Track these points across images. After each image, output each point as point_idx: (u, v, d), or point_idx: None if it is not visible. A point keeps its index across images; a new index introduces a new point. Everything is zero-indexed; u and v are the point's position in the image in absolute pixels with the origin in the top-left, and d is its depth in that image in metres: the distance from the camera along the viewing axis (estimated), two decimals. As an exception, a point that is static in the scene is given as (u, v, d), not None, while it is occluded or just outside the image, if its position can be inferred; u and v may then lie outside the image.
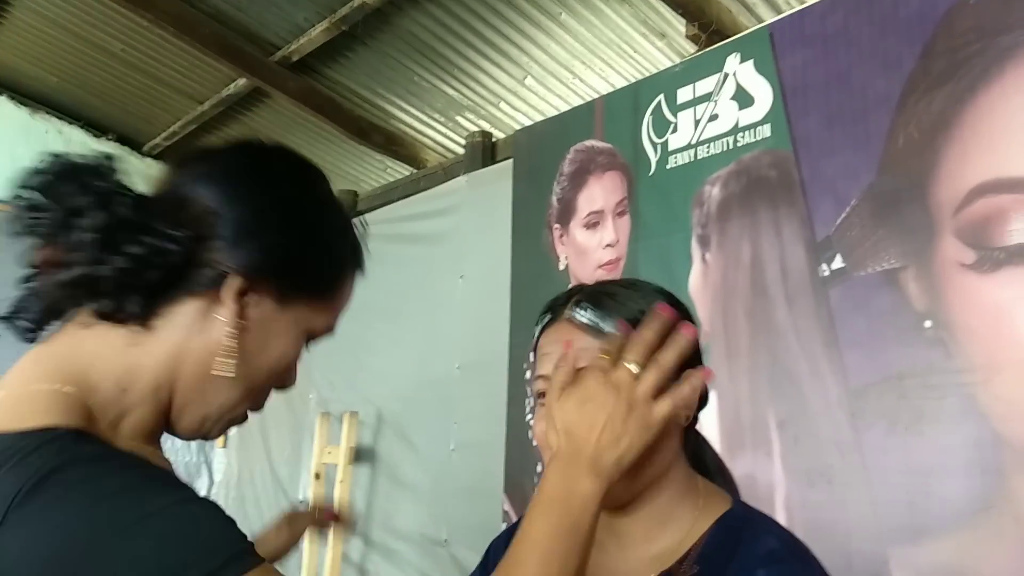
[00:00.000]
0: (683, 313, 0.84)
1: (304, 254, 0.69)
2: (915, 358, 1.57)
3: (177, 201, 0.64)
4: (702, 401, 0.83)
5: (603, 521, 0.83)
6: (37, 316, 0.63)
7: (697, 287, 1.98)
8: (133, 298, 0.62)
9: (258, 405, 0.71)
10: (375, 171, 3.89)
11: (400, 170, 3.74)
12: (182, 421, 0.67)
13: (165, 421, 0.67)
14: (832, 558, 0.76)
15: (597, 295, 0.80)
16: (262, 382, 0.69)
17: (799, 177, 1.82)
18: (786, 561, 0.72)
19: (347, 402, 3.23)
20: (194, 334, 0.64)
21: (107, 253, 0.60)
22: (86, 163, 0.62)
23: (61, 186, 0.61)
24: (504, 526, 2.41)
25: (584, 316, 0.79)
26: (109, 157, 0.64)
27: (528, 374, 2.43)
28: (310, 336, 0.71)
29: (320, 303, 0.71)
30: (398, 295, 3.23)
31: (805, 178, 1.80)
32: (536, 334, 0.85)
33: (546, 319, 0.84)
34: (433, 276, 3.05)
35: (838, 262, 1.72)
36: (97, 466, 0.55)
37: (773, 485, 1.75)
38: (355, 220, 0.77)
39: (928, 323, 1.57)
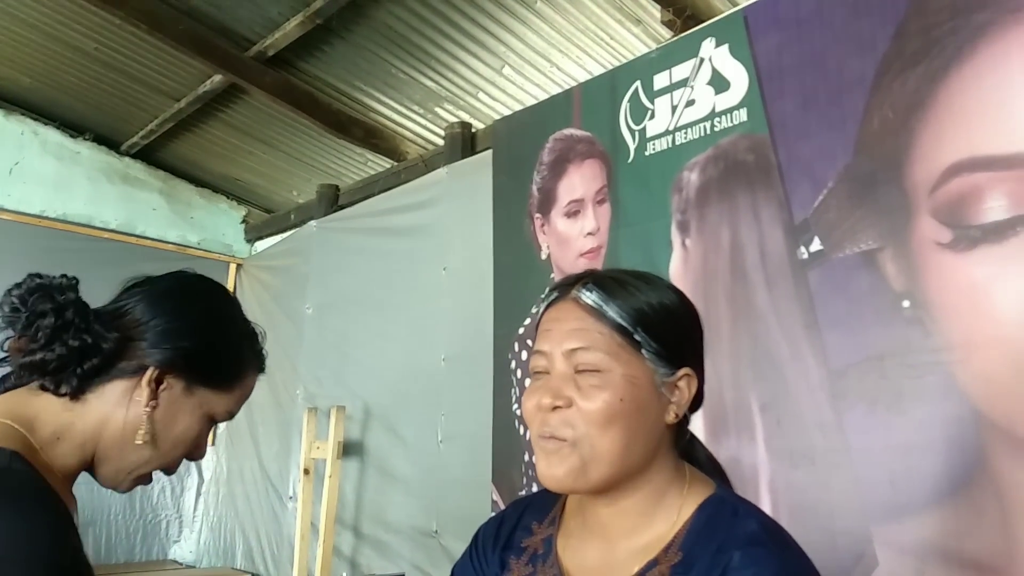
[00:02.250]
0: (692, 311, 0.84)
1: (208, 354, 0.91)
2: (894, 338, 1.58)
3: (117, 311, 0.90)
4: (696, 401, 0.83)
5: (589, 515, 0.83)
6: (7, 382, 0.89)
7: (678, 273, 1.99)
8: (70, 379, 0.85)
9: (169, 469, 0.92)
10: (355, 165, 3.86)
11: (380, 163, 3.73)
12: (101, 470, 0.89)
13: (87, 467, 0.89)
14: (816, 537, 0.77)
15: (606, 280, 0.81)
16: (169, 450, 0.90)
17: (776, 160, 1.82)
18: (765, 544, 0.72)
19: (334, 397, 3.22)
20: (119, 408, 0.87)
21: (54, 344, 0.84)
22: (54, 282, 0.87)
23: (32, 296, 0.85)
24: (492, 515, 2.42)
25: (589, 298, 0.79)
26: (72, 279, 0.88)
27: (513, 363, 2.43)
28: (213, 418, 0.93)
29: (221, 392, 0.93)
30: (382, 288, 3.22)
31: (782, 161, 1.81)
32: (540, 311, 0.85)
33: (552, 297, 0.84)
34: (416, 269, 3.05)
35: (816, 244, 1.72)
36: (10, 483, 0.76)
37: (757, 467, 1.76)
38: (259, 331, 0.99)
39: (906, 303, 1.57)
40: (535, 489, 2.35)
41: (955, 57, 1.55)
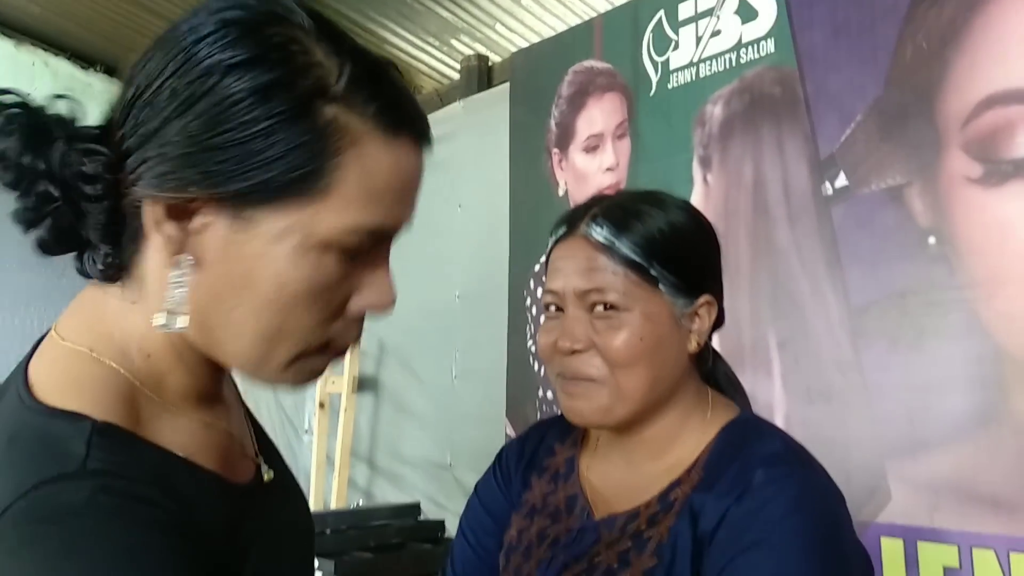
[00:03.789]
0: (708, 229, 0.83)
1: (220, 150, 0.49)
2: (918, 275, 1.56)
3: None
4: (718, 322, 0.82)
5: (613, 440, 0.83)
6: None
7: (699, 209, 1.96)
8: (100, 249, 0.53)
9: (314, 342, 0.54)
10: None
11: (395, 98, 3.67)
12: (233, 361, 0.55)
13: (210, 375, 0.58)
14: (830, 471, 0.76)
15: (616, 211, 0.78)
16: (278, 321, 0.52)
17: (803, 93, 1.77)
18: (788, 463, 0.72)
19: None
20: (158, 284, 0.52)
21: (22, 181, 0.51)
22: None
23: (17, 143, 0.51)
24: (507, 450, 2.46)
25: (600, 234, 0.76)
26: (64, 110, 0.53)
27: (528, 300, 2.43)
28: (330, 245, 0.51)
29: (305, 200, 0.50)
30: (396, 225, 3.21)
31: (809, 94, 1.76)
32: (550, 244, 0.82)
33: (561, 231, 0.81)
34: (430, 205, 2.98)
35: (842, 180, 1.69)
36: (70, 507, 0.45)
37: (773, 404, 1.77)
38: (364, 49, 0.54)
39: (932, 239, 1.55)
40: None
41: (994, -14, 1.50)
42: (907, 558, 1.53)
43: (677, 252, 0.77)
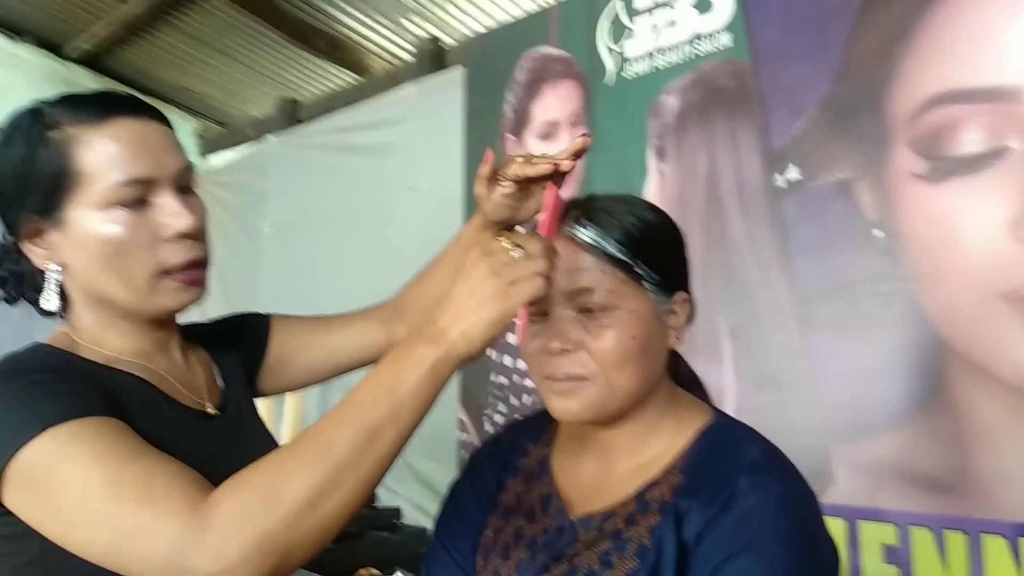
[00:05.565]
0: (678, 228, 0.84)
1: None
2: (865, 266, 1.62)
3: None
4: (688, 320, 0.84)
5: (587, 435, 0.84)
6: None
7: (654, 199, 1.98)
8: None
9: (181, 264, 0.82)
10: (317, 78, 3.73)
11: (344, 78, 3.61)
12: (125, 307, 0.82)
13: (141, 334, 0.85)
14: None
15: (598, 213, 0.79)
16: (120, 265, 0.79)
17: (757, 87, 1.81)
18: (768, 470, 0.74)
19: (297, 317, 3.18)
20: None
21: None
22: None
23: None
24: (459, 435, 2.46)
25: (586, 235, 0.78)
26: None
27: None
28: (109, 203, 0.78)
29: (75, 187, 0.78)
30: (346, 208, 3.17)
31: (763, 88, 1.80)
32: None
33: None
34: (382, 189, 2.99)
35: (793, 173, 1.74)
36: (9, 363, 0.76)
37: (723, 389, 1.82)
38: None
39: (878, 232, 1.61)
40: (502, 409, 2.38)
41: (939, -13, 1.55)
42: (849, 537, 1.60)
43: (657, 250, 0.79)
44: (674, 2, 1.99)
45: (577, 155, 0.82)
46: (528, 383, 2.25)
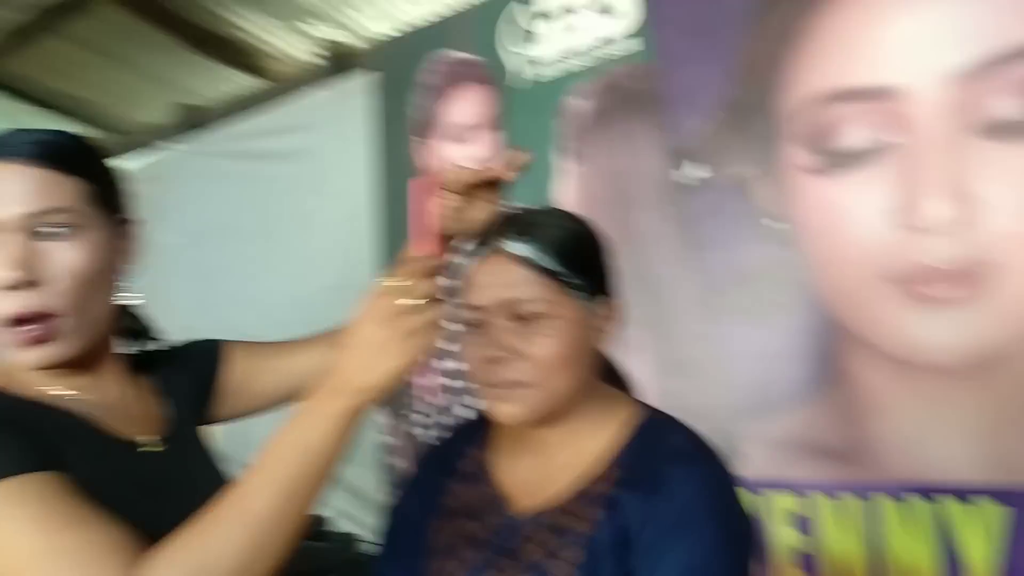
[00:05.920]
0: (592, 233, 0.89)
1: None
2: (765, 256, 1.74)
3: None
4: (616, 321, 0.89)
5: (524, 434, 0.89)
6: None
7: (565, 200, 2.06)
8: None
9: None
10: (215, 84, 3.63)
11: (243, 82, 3.53)
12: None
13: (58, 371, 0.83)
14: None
15: (529, 226, 0.83)
16: None
17: (661, 89, 1.90)
18: (695, 457, 0.82)
19: (208, 330, 3.10)
20: None
21: None
22: None
23: None
24: (380, 437, 2.47)
25: (520, 249, 0.82)
26: None
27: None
28: None
29: None
30: (255, 216, 3.11)
31: (666, 89, 1.89)
32: (464, 265, 0.86)
33: (482, 251, 0.85)
34: (291, 195, 2.96)
35: (698, 170, 1.84)
36: None
37: (640, 378, 1.90)
38: None
39: (776, 224, 1.73)
40: (416, 407, 2.40)
41: (821, -10, 1.67)
42: (759, 508, 1.72)
43: (585, 260, 0.85)
44: (577, 7, 2.06)
45: (519, 170, 0.87)
46: (444, 381, 2.29)
